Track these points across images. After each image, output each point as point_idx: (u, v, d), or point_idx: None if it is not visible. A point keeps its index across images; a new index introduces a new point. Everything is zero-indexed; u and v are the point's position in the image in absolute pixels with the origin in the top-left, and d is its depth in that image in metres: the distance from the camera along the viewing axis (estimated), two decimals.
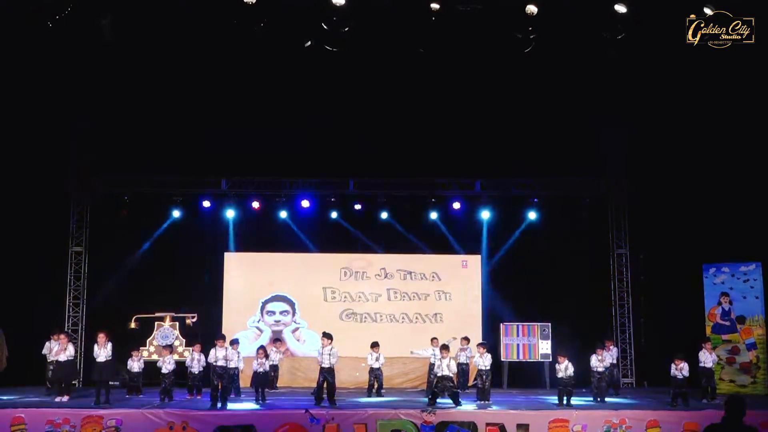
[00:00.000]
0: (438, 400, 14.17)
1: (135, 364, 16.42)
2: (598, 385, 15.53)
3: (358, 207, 19.89)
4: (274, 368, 17.50)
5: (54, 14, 12.85)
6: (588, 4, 13.51)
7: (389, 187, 19.78)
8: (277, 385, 17.69)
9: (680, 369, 14.71)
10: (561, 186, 19.90)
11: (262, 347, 16.49)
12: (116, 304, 19.02)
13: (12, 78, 15.78)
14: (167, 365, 15.57)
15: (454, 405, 14.01)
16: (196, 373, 16.07)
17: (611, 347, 16.92)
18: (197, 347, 16.32)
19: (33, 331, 17.26)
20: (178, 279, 19.68)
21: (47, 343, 16.09)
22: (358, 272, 20.00)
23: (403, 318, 19.82)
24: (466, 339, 17.63)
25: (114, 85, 17.27)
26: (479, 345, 16.16)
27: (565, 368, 14.67)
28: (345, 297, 19.84)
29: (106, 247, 19.77)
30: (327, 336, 14.82)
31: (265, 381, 15.67)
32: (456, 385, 14.81)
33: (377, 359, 16.53)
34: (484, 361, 15.56)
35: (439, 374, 14.68)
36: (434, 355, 16.24)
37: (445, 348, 15.03)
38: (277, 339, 18.86)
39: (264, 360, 15.86)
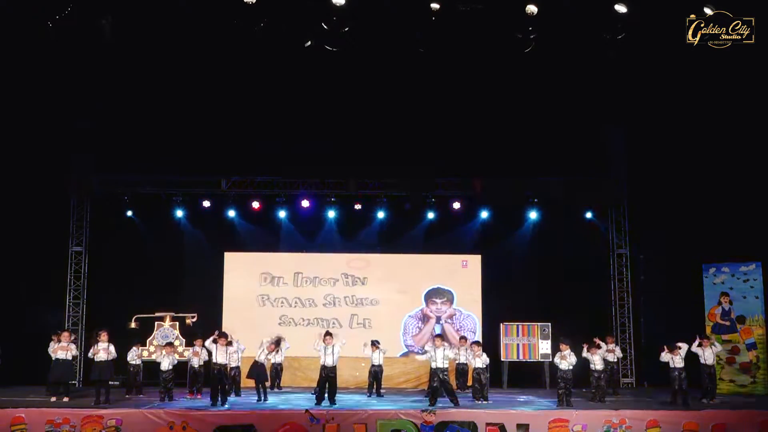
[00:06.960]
0: (438, 399, 14.15)
1: (135, 359, 16.38)
2: (598, 385, 15.55)
3: (357, 207, 19.90)
4: (278, 367, 17.53)
5: (54, 14, 12.86)
6: (588, 4, 13.51)
7: (389, 188, 19.79)
8: (280, 384, 17.71)
9: (674, 359, 14.52)
10: (561, 186, 19.88)
11: (267, 339, 16.88)
12: (116, 304, 19.00)
13: (12, 78, 15.79)
14: (167, 362, 15.54)
15: (452, 404, 14.00)
16: (197, 367, 16.05)
17: (611, 344, 16.89)
18: (199, 341, 16.32)
19: (32, 331, 17.23)
20: (178, 279, 19.70)
21: (51, 343, 16.10)
22: (358, 272, 19.97)
23: (402, 318, 19.79)
24: (464, 338, 17.62)
25: (114, 85, 17.28)
26: (473, 343, 16.14)
27: (569, 356, 14.67)
28: (344, 297, 19.81)
29: (106, 247, 19.79)
30: (328, 334, 14.90)
31: (263, 373, 15.67)
32: (449, 380, 14.67)
33: (378, 357, 16.54)
34: (479, 359, 15.56)
35: (432, 367, 14.59)
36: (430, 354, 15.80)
37: (438, 337, 14.87)
38: (277, 339, 18.82)
39: (265, 350, 16.02)
